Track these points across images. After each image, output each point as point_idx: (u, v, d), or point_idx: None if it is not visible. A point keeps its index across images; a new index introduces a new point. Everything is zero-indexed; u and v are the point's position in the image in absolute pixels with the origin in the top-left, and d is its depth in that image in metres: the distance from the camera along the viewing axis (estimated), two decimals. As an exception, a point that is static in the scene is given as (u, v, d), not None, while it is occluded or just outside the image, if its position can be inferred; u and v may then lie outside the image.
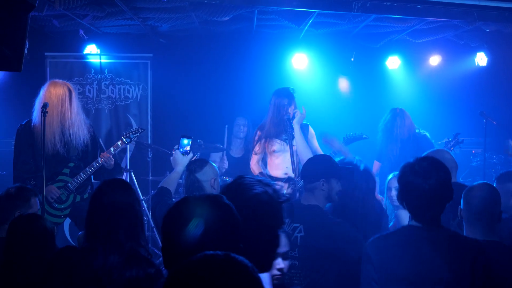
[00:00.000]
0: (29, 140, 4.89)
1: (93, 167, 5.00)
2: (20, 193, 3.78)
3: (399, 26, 6.75)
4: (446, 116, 7.78)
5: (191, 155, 4.10)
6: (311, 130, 5.59)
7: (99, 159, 4.99)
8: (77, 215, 5.02)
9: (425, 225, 2.55)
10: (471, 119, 7.49)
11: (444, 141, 6.41)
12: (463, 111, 7.84)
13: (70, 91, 4.93)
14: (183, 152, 4.07)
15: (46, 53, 7.15)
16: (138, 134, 5.31)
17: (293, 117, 5.25)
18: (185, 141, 4.11)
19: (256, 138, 5.60)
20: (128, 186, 2.89)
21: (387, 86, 8.05)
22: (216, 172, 3.93)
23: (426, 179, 2.51)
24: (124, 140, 5.18)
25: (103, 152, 5.10)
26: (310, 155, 4.71)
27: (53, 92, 4.86)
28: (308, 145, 5.22)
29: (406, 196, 2.59)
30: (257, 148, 5.57)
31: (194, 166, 3.83)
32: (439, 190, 2.52)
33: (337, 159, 3.97)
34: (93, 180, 5.21)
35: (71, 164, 5.01)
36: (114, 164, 5.06)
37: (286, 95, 5.38)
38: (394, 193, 4.45)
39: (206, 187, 3.78)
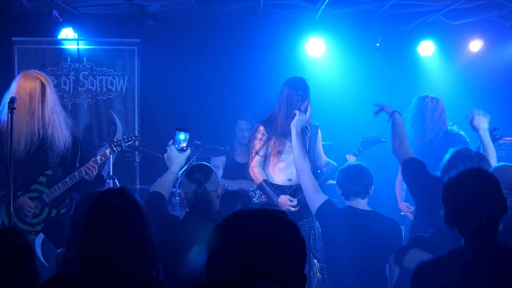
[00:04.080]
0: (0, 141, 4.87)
1: (75, 178, 4.94)
2: None
3: (433, 5, 6.68)
4: (488, 110, 7.44)
5: (188, 151, 4.07)
6: (319, 133, 5.62)
7: (82, 169, 4.92)
8: (53, 231, 4.97)
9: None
10: (518, 115, 7.42)
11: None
12: (509, 105, 7.76)
13: (43, 85, 4.89)
14: (179, 149, 4.02)
15: (13, 38, 7.10)
16: (132, 142, 5.27)
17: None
18: (181, 135, 4.10)
19: (259, 135, 5.46)
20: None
21: (419, 76, 7.95)
22: (218, 179, 3.88)
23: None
24: (114, 148, 5.14)
25: (85, 158, 5.05)
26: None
27: (23, 86, 4.83)
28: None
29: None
30: (259, 148, 5.43)
31: (199, 176, 3.68)
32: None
33: (345, 165, 4.16)
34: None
35: (49, 172, 4.98)
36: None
37: (301, 87, 5.29)
38: None
39: (213, 197, 3.69)
